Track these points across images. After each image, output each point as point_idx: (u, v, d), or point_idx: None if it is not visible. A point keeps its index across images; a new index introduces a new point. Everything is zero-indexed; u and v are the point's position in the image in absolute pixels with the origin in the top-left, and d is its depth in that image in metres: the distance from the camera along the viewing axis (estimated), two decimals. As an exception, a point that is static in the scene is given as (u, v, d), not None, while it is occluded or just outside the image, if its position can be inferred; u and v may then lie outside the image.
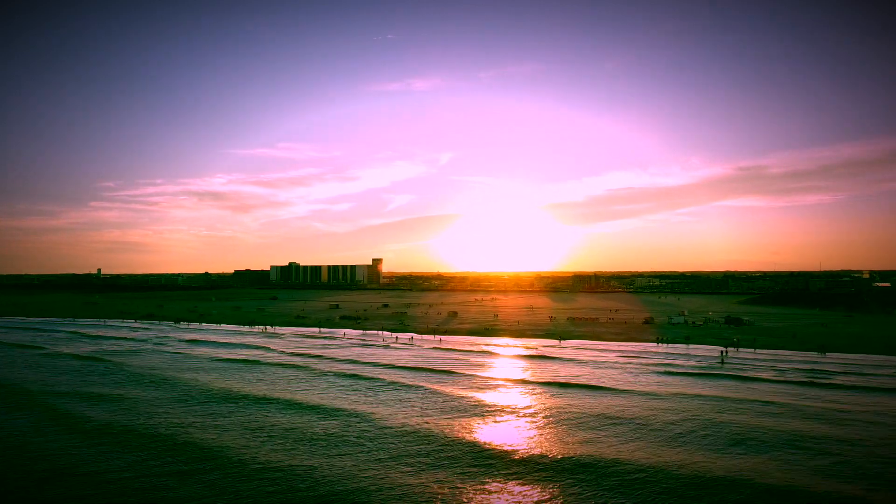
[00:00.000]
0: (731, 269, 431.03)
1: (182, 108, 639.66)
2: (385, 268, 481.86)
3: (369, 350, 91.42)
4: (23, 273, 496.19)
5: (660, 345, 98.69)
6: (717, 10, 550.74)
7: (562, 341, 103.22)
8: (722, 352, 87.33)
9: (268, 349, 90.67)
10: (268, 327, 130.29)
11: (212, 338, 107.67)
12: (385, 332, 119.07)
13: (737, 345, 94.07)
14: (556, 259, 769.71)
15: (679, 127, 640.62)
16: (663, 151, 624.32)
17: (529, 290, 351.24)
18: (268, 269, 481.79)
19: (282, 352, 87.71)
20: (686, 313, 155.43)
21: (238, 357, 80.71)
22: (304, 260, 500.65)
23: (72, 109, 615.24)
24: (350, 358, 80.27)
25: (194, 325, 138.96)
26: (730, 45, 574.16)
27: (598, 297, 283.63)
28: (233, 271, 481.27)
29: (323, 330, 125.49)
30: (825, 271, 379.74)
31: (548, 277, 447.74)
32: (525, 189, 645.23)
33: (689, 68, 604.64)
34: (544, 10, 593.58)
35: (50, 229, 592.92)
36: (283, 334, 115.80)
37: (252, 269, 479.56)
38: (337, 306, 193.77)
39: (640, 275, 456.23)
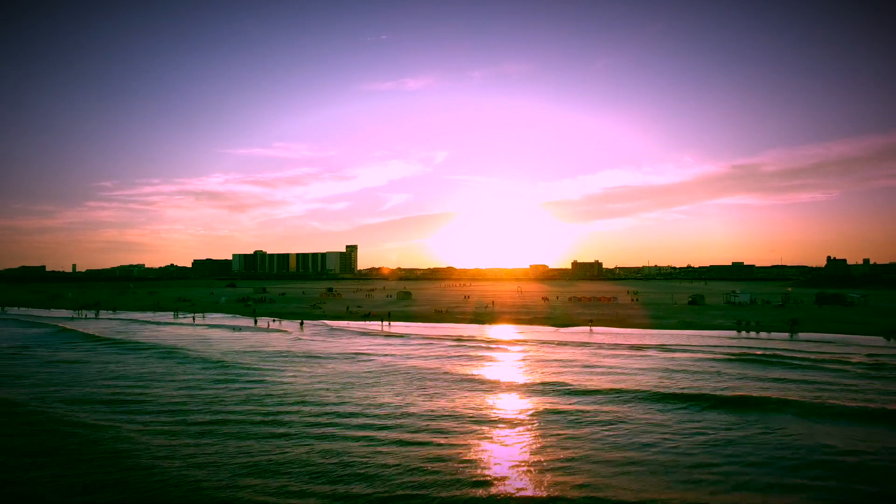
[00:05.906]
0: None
1: (178, 109, 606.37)
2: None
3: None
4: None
5: (741, 333, 53.08)
6: (710, 9, 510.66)
7: (561, 328, 56.32)
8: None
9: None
10: (107, 312, 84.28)
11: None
12: (271, 320, 72.28)
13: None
14: (553, 257, 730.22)
15: (672, 125, 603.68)
16: (656, 150, 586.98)
17: (523, 279, 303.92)
18: (230, 258, 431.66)
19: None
20: (738, 292, 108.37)
21: None
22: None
23: (68, 109, 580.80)
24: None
25: (21, 310, 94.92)
26: (722, 44, 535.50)
27: (607, 283, 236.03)
28: (191, 262, 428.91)
29: (197, 316, 78.94)
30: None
31: (543, 268, 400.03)
32: (521, 187, 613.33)
33: (682, 67, 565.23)
34: (537, 9, 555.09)
35: (46, 229, 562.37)
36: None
37: (214, 258, 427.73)
38: (263, 289, 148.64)
39: (646, 267, 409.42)
